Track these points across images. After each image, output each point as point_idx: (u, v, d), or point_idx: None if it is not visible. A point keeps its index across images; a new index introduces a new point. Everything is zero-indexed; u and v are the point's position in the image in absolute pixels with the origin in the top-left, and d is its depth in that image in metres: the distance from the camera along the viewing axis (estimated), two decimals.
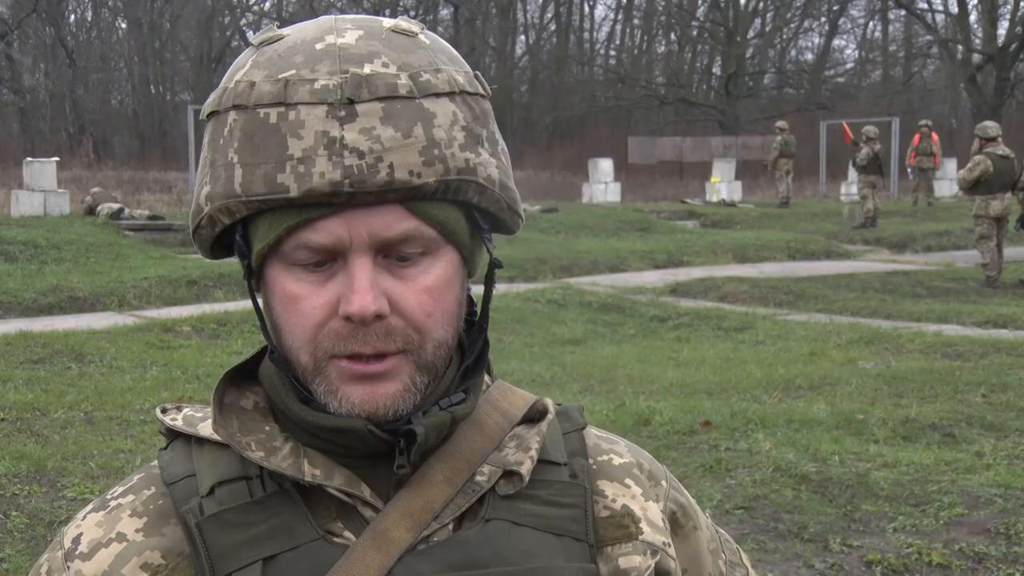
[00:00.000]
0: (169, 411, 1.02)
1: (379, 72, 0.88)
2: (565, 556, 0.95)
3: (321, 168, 0.86)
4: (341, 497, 0.93)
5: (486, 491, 0.95)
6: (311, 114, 0.87)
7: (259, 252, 0.91)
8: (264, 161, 0.87)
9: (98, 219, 17.35)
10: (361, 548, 0.91)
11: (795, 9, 45.93)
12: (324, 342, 0.90)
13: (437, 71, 0.91)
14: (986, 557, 4.75)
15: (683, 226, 21.05)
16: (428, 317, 0.91)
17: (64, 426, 6.91)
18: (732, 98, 41.67)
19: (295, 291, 0.90)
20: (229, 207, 0.90)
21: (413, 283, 0.90)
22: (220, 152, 0.90)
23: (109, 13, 50.65)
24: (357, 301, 0.87)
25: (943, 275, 14.95)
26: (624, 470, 1.04)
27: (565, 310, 11.83)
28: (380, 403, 0.91)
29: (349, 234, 0.88)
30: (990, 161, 13.75)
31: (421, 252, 0.91)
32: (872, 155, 20.14)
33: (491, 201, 0.94)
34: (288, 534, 0.92)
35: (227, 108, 0.90)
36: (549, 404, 1.03)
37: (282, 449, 0.94)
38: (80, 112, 44.99)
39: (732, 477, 5.78)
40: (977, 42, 39.02)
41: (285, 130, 0.87)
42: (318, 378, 0.91)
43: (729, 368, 8.87)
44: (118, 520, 0.96)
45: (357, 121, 0.87)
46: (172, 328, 10.39)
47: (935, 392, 7.70)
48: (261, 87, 0.89)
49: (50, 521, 5.16)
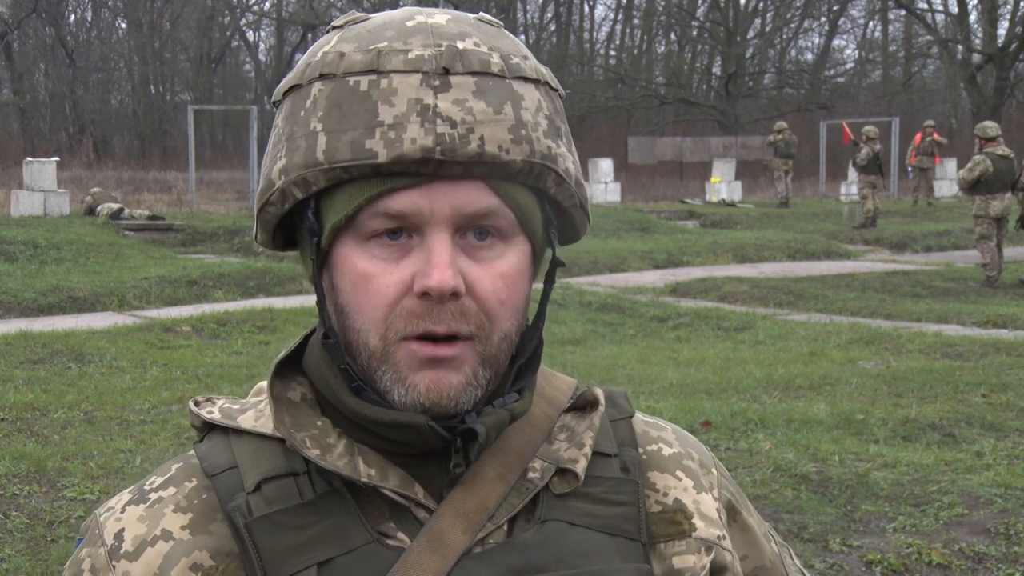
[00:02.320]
0: (203, 404, 0.99)
1: (472, 48, 0.88)
2: (621, 556, 0.93)
3: (413, 134, 0.85)
4: (395, 498, 0.91)
5: (539, 489, 0.93)
6: (404, 82, 0.86)
7: (334, 225, 0.89)
8: (352, 128, 0.86)
9: (98, 219, 17.36)
10: (417, 551, 0.89)
11: (795, 9, 45.90)
12: (397, 322, 0.88)
13: (525, 58, 0.91)
14: (986, 557, 4.75)
15: (683, 226, 21.05)
16: (501, 304, 0.89)
17: (64, 426, 6.91)
18: (732, 98, 41.65)
19: (368, 269, 0.88)
20: (307, 178, 0.88)
21: (489, 266, 0.89)
22: (300, 124, 0.89)
23: (109, 13, 50.67)
24: (436, 275, 0.85)
25: (943, 275, 14.95)
26: (675, 461, 1.02)
27: (565, 310, 11.83)
28: (445, 392, 0.88)
29: (431, 206, 0.86)
30: (990, 161, 13.75)
31: (498, 236, 0.89)
32: (872, 155, 20.15)
33: (567, 195, 0.93)
34: (342, 537, 0.89)
35: (312, 80, 0.89)
36: (599, 394, 1.00)
37: (336, 447, 0.92)
38: (80, 112, 44.99)
39: (732, 477, 5.78)
40: (977, 42, 39.01)
41: (376, 97, 0.86)
42: (385, 365, 0.89)
43: (729, 368, 8.87)
44: (161, 515, 0.93)
45: (451, 92, 0.86)
46: (172, 328, 10.39)
47: (935, 392, 7.70)
48: (352, 56, 0.88)
49: (50, 521, 5.15)
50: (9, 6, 43.45)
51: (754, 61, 45.85)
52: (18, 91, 43.86)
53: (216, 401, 1.00)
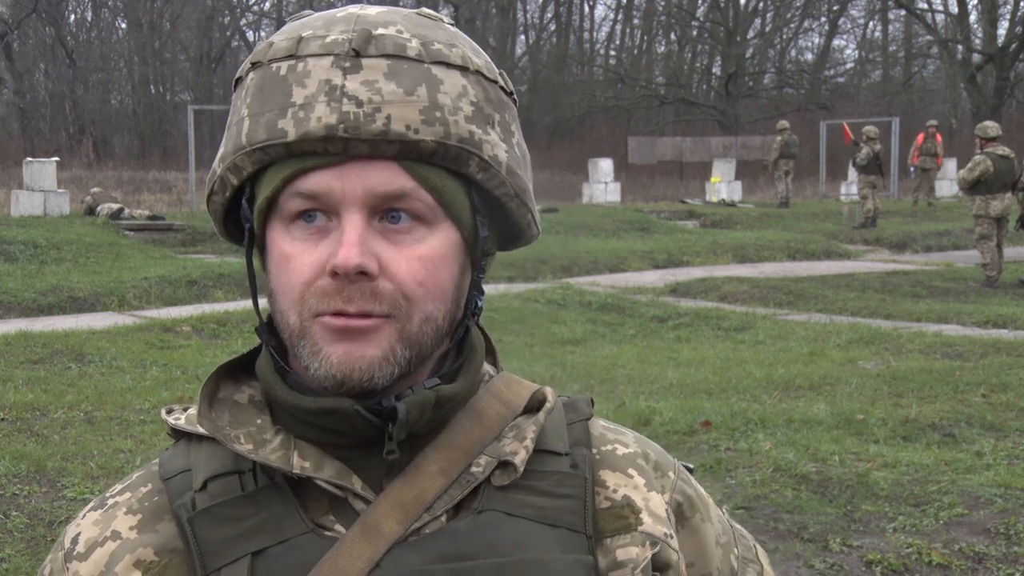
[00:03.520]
0: (174, 411, 1.02)
1: (390, 34, 0.89)
2: (560, 548, 0.93)
3: (319, 113, 0.87)
4: (331, 490, 0.92)
5: (481, 482, 0.94)
6: (318, 65, 0.88)
7: (259, 208, 0.92)
8: (269, 110, 0.89)
9: (98, 219, 17.35)
10: (350, 540, 0.89)
11: (795, 9, 45.90)
12: (311, 300, 0.89)
13: (452, 46, 0.92)
14: (986, 557, 4.75)
15: (683, 226, 21.05)
16: (419, 286, 0.90)
17: (64, 426, 6.91)
18: (732, 98, 41.66)
19: (288, 250, 0.90)
20: (236, 163, 0.91)
21: (406, 249, 0.90)
22: (235, 113, 0.92)
23: (109, 13, 50.65)
24: (342, 254, 0.87)
25: (943, 275, 14.95)
26: (628, 460, 1.02)
27: (565, 310, 11.83)
28: (357, 364, 0.89)
29: (343, 186, 0.88)
30: (990, 161, 13.75)
31: (417, 220, 0.90)
32: (872, 155, 20.14)
33: (495, 183, 0.93)
34: (278, 528, 0.91)
35: (247, 70, 0.93)
36: (549, 393, 1.01)
37: (272, 441, 0.93)
38: (80, 112, 44.99)
39: (732, 477, 5.78)
40: (977, 42, 39.01)
41: (291, 80, 0.89)
42: (303, 340, 0.90)
43: (729, 368, 8.87)
44: (114, 518, 0.95)
45: (361, 73, 0.88)
46: (172, 328, 10.39)
47: (935, 392, 7.70)
48: (278, 45, 0.91)
49: (50, 521, 5.16)
50: (9, 6, 43.45)
51: (754, 61, 45.85)
52: (18, 91, 43.85)
53: (188, 408, 1.02)
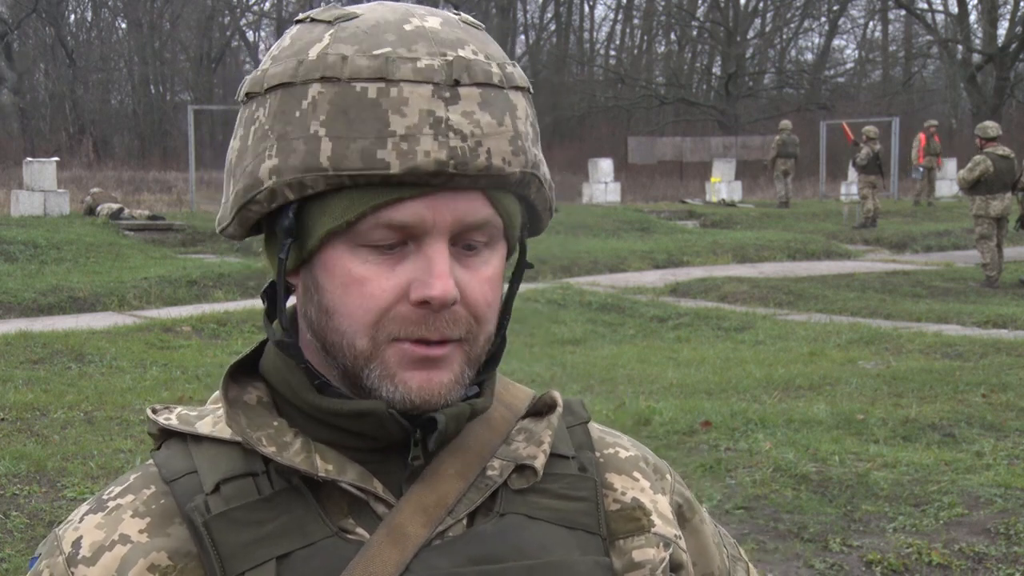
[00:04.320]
0: (160, 411, 0.99)
1: (474, 58, 0.88)
2: (580, 549, 0.94)
3: (426, 147, 0.85)
4: (354, 492, 0.91)
5: (499, 486, 0.95)
6: (415, 92, 0.85)
7: (331, 229, 0.88)
8: (362, 136, 0.85)
9: (98, 219, 17.35)
10: (377, 544, 0.89)
11: (795, 9, 45.90)
12: (389, 326, 0.88)
13: (514, 64, 0.92)
14: (986, 557, 4.75)
15: (683, 226, 21.05)
16: (488, 308, 0.91)
17: (64, 426, 6.91)
18: (732, 98, 41.65)
19: (361, 273, 0.88)
20: (304, 181, 0.87)
21: (477, 273, 0.90)
22: (296, 125, 0.87)
23: (109, 13, 50.66)
24: (439, 286, 0.86)
25: (943, 275, 14.95)
26: (631, 463, 1.04)
27: (565, 310, 11.83)
28: (436, 390, 0.89)
29: (433, 217, 0.87)
30: (990, 161, 13.75)
31: (485, 243, 0.91)
32: (872, 155, 20.14)
33: (543, 200, 0.95)
34: (300, 531, 0.90)
35: (308, 80, 0.87)
36: (558, 397, 1.02)
37: (293, 444, 0.93)
38: (80, 112, 44.99)
39: (732, 477, 5.78)
40: (977, 42, 39.01)
41: (386, 106, 0.85)
42: (374, 362, 0.89)
43: (729, 368, 8.87)
44: (119, 521, 0.92)
45: (460, 104, 0.86)
46: (172, 328, 10.40)
47: (935, 392, 7.70)
48: (356, 61, 0.86)
49: (50, 521, 5.16)
50: (9, 6, 43.46)
51: (754, 61, 45.85)
52: (18, 91, 43.85)
53: (174, 409, 1.00)
